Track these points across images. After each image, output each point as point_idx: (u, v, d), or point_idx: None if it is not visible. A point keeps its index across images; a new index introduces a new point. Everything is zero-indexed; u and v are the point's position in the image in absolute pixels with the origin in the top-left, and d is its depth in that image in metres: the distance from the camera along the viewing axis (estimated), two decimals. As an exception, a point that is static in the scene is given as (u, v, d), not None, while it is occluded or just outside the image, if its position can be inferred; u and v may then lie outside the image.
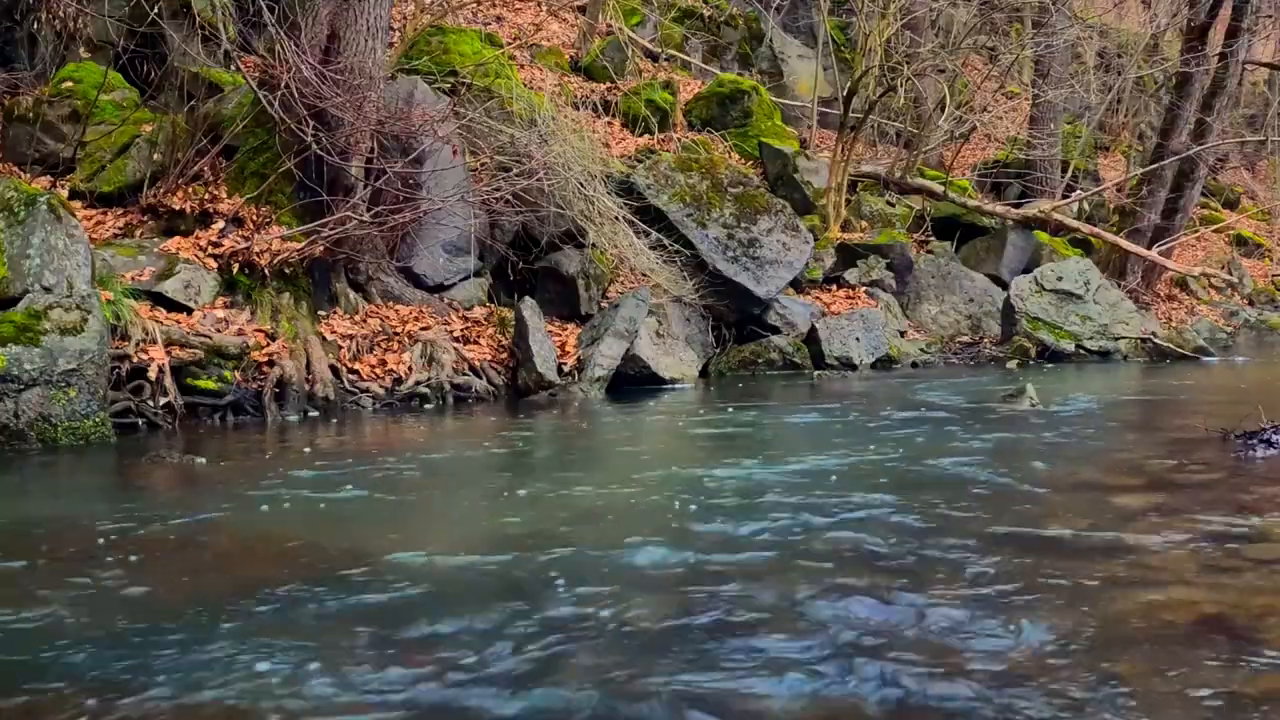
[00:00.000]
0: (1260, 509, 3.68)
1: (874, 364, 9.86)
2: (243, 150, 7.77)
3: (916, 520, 3.61)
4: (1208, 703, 2.10)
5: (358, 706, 2.16)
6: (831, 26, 15.87)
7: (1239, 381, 8.97)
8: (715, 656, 2.38)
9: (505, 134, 8.77)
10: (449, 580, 3.05)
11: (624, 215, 9.13)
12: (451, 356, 7.52)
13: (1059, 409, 6.66)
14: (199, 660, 2.38)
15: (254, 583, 3.01)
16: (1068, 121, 18.30)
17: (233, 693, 2.22)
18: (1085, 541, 3.32)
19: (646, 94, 12.24)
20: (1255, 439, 4.85)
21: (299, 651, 2.42)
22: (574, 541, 3.41)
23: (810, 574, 2.99)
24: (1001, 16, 16.35)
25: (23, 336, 5.35)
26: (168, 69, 8.53)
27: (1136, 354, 10.77)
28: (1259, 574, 2.93)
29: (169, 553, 3.41)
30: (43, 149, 7.99)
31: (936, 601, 2.72)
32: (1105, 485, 4.26)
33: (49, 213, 5.72)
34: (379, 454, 5.46)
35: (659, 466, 4.88)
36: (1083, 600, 2.71)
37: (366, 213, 7.40)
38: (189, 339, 6.39)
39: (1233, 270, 17.76)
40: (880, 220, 12.71)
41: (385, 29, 8.15)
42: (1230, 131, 18.49)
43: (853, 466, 4.71)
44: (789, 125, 14.05)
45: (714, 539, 3.42)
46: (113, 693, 2.24)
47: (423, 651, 2.43)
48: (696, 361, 8.91)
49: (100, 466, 5.18)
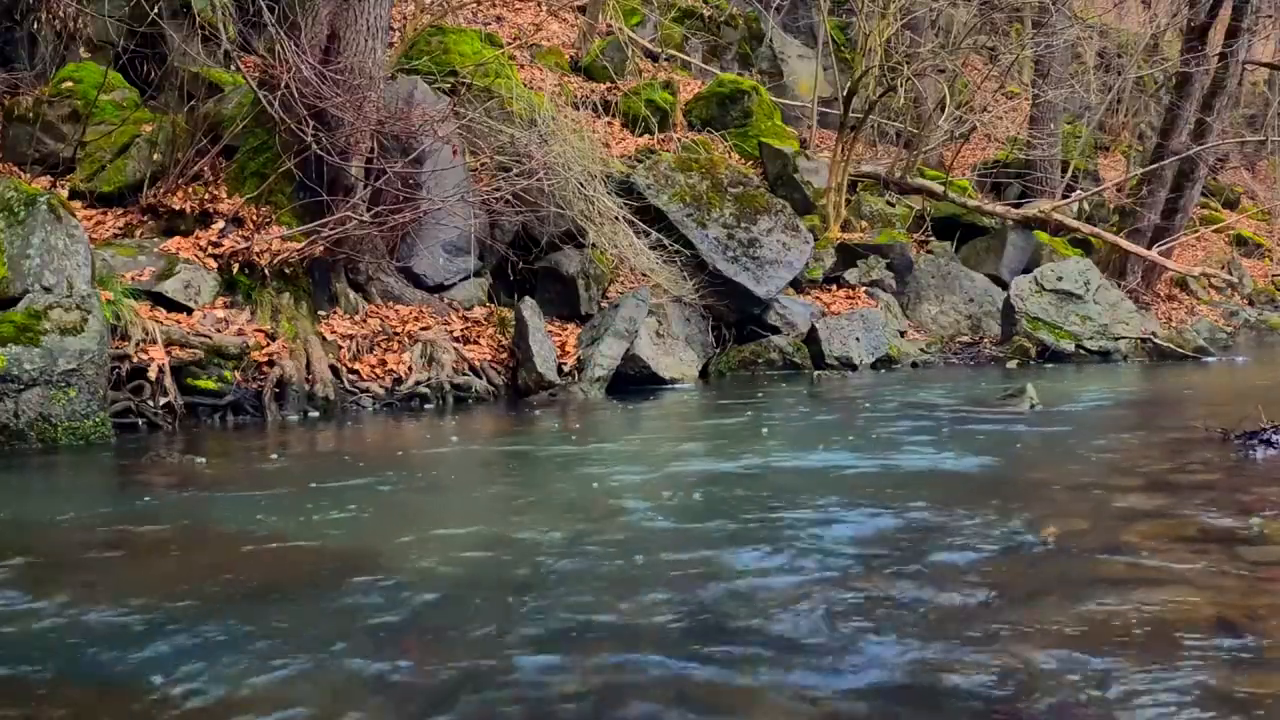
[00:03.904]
0: (1260, 509, 3.68)
1: (874, 364, 9.86)
2: (243, 150, 7.77)
3: (916, 520, 3.61)
4: (1208, 703, 2.10)
5: (359, 707, 2.16)
6: (831, 26, 15.87)
7: (1239, 381, 8.97)
8: (711, 655, 2.38)
9: (505, 134, 8.77)
10: (450, 580, 3.04)
11: (624, 215, 9.13)
12: (451, 356, 7.52)
13: (1059, 409, 6.66)
14: (199, 660, 2.38)
15: (254, 583, 3.01)
16: (1068, 121, 18.30)
17: (232, 692, 2.22)
18: (1084, 541, 3.32)
19: (646, 94, 12.24)
20: (1255, 439, 4.85)
21: (299, 651, 2.42)
22: (574, 541, 3.41)
23: (810, 572, 2.99)
24: (1001, 16, 16.35)
25: (23, 336, 5.36)
26: (168, 69, 8.53)
27: (1136, 354, 10.77)
28: (1259, 574, 2.93)
29: (169, 552, 3.42)
30: (43, 149, 7.99)
31: (936, 600, 2.72)
32: (1105, 485, 4.26)
33: (49, 213, 5.72)
34: (379, 454, 5.47)
35: (660, 466, 4.88)
36: (1082, 600, 2.70)
37: (366, 213, 7.40)
38: (189, 339, 6.39)
39: (1233, 270, 17.76)
40: (880, 220, 12.71)
41: (385, 29, 8.15)
42: (1230, 131, 18.49)
43: (852, 466, 4.71)
44: (789, 125, 14.06)
45: (715, 539, 3.42)
46: (112, 692, 2.24)
47: (423, 651, 2.43)
48: (696, 361, 8.91)
49: (100, 466, 5.18)
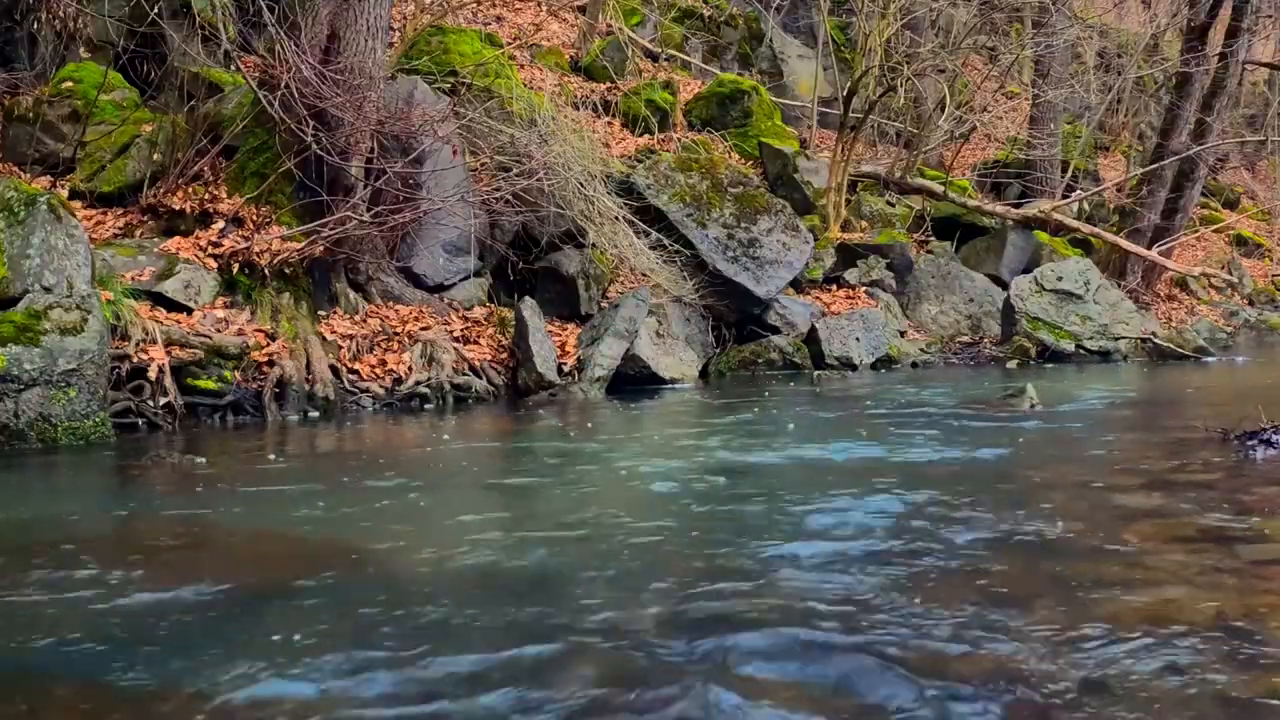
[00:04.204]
0: (1260, 509, 3.68)
1: (874, 364, 9.86)
2: (243, 150, 7.77)
3: (914, 518, 3.61)
4: (1208, 703, 2.10)
5: (359, 706, 2.15)
6: (831, 26, 15.87)
7: (1239, 381, 8.97)
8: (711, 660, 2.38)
9: (505, 134, 8.77)
10: (451, 580, 3.04)
11: (624, 215, 9.13)
12: (451, 356, 7.52)
13: (1059, 409, 6.66)
14: (198, 660, 2.37)
15: (254, 583, 3.01)
16: (1068, 121, 18.30)
17: (230, 692, 2.22)
18: (1085, 541, 3.32)
19: (646, 94, 12.24)
20: (1255, 439, 4.85)
21: (299, 651, 2.42)
22: (575, 541, 3.41)
23: (809, 570, 2.99)
24: (1001, 16, 16.35)
25: (23, 336, 5.36)
26: (168, 69, 8.53)
27: (1136, 354, 10.77)
28: (1259, 574, 2.93)
29: (168, 552, 3.41)
30: (43, 149, 7.99)
31: (934, 600, 2.72)
32: (1105, 485, 4.26)
33: (49, 213, 5.72)
34: (380, 454, 5.47)
35: (660, 466, 4.88)
36: (1082, 600, 2.70)
37: (366, 213, 7.40)
38: (189, 339, 6.39)
39: (1233, 270, 17.76)
40: (880, 220, 12.70)
41: (385, 29, 8.15)
42: (1230, 131, 18.49)
43: (852, 465, 4.71)
44: (789, 125, 14.06)
45: (716, 539, 3.42)
46: (111, 691, 2.24)
47: (424, 651, 2.43)
48: (696, 361, 8.90)
49: (100, 466, 5.18)
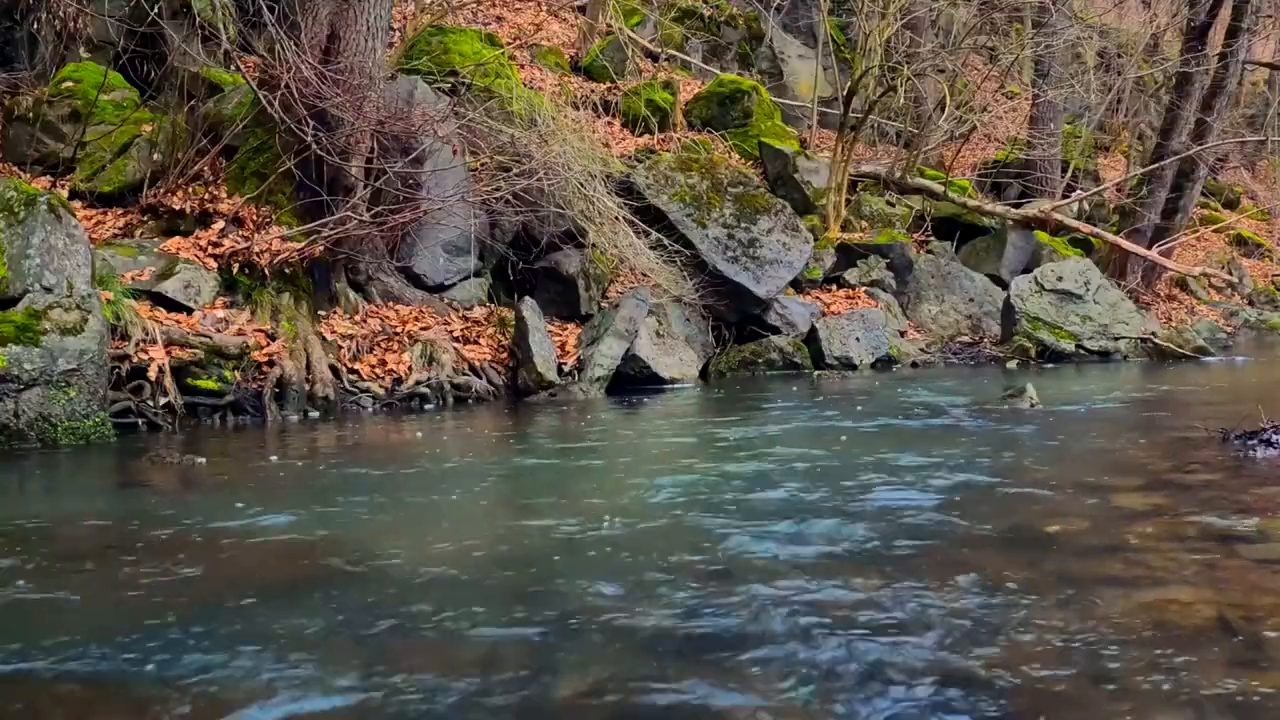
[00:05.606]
0: (1260, 509, 3.68)
1: (874, 364, 9.86)
2: (243, 150, 7.77)
3: (914, 518, 3.61)
4: (1208, 703, 2.10)
5: (360, 705, 2.15)
6: (831, 26, 15.86)
7: (1239, 381, 8.97)
8: (709, 668, 2.38)
9: (505, 134, 8.76)
10: (451, 580, 3.04)
11: (624, 215, 9.13)
12: (451, 356, 7.52)
13: (1059, 409, 6.66)
14: (197, 660, 2.37)
15: (255, 583, 3.01)
16: (1068, 121, 18.29)
17: (229, 692, 2.22)
18: (1085, 541, 3.32)
19: (646, 94, 12.24)
20: (1255, 439, 4.85)
21: (299, 651, 2.42)
22: (575, 541, 3.41)
23: (808, 568, 2.99)
24: (1001, 16, 16.34)
25: (23, 336, 5.36)
26: (168, 69, 8.52)
27: (1136, 354, 10.77)
28: (1259, 574, 2.93)
29: (168, 552, 3.41)
30: (43, 149, 8.00)
31: (932, 598, 2.72)
32: (1105, 485, 4.26)
33: (49, 213, 5.72)
34: (380, 455, 5.46)
35: (660, 464, 4.88)
36: (1082, 600, 2.70)
37: (366, 213, 7.40)
38: (189, 339, 6.39)
39: (1233, 270, 17.76)
40: (880, 220, 12.70)
41: (385, 29, 8.15)
42: (1230, 131, 18.46)
43: (853, 465, 4.70)
44: (789, 125, 14.05)
45: (718, 541, 3.42)
46: (110, 691, 2.24)
47: (423, 650, 2.43)
48: (696, 361, 8.90)
49: (100, 466, 5.18)
